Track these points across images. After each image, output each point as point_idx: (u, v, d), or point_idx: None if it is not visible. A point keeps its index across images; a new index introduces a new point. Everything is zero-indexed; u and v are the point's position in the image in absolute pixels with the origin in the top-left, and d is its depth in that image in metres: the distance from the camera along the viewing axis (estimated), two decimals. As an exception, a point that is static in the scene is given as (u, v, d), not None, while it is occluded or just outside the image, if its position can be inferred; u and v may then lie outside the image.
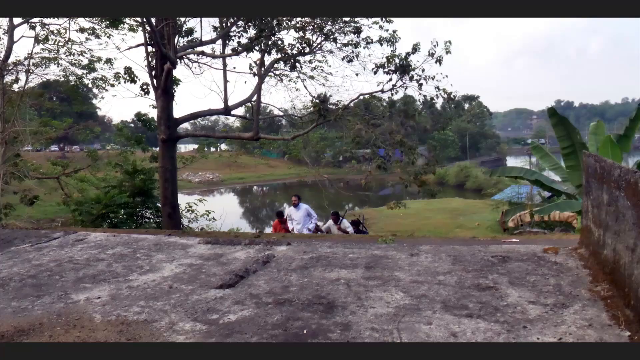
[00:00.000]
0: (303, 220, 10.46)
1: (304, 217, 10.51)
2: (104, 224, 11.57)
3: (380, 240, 5.35)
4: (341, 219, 10.52)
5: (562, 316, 2.80)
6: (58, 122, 16.79)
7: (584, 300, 3.03)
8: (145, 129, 13.95)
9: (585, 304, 2.98)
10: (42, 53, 12.89)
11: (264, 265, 4.14)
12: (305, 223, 10.49)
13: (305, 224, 10.46)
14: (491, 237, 7.36)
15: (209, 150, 34.41)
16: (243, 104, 11.39)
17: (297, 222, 10.47)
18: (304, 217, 10.52)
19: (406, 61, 10.08)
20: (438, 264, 4.01)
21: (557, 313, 2.85)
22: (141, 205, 12.65)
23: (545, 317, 2.80)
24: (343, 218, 10.59)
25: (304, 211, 10.58)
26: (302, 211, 10.55)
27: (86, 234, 5.80)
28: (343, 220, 10.53)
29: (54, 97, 20.18)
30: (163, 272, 4.06)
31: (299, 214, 10.52)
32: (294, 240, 5.39)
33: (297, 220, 10.48)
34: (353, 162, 24.33)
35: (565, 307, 2.94)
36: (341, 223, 10.45)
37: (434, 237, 7.77)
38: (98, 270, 4.18)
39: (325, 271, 3.92)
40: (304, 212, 10.57)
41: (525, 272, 3.68)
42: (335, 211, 11.03)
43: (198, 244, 5.14)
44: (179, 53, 10.09)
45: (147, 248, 4.98)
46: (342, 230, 10.28)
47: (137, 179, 12.49)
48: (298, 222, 10.47)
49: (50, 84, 17.01)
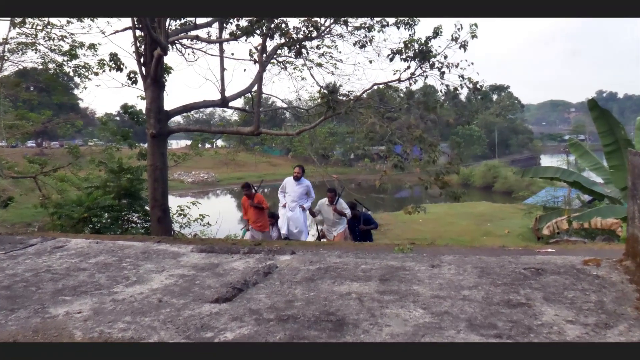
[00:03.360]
0: (300, 197, 10.17)
1: (302, 195, 10.22)
2: (86, 229, 11.66)
3: (397, 250, 5.33)
4: (338, 198, 10.04)
5: (605, 338, 2.76)
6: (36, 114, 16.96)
7: (630, 320, 3.00)
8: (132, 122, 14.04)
9: (631, 323, 2.94)
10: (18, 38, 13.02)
11: (265, 277, 4.14)
12: (302, 201, 10.22)
13: (301, 202, 10.21)
14: (523, 246, 7.32)
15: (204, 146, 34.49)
16: (242, 95, 11.41)
17: (293, 199, 10.12)
18: (302, 194, 10.22)
19: (426, 46, 10.03)
20: (462, 277, 3.98)
21: (599, 334, 2.82)
22: (127, 209, 12.73)
23: (585, 338, 2.77)
24: (340, 197, 10.12)
25: (305, 188, 10.26)
26: (303, 187, 10.24)
27: (66, 241, 5.83)
28: (340, 200, 10.07)
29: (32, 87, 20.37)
30: (152, 284, 4.07)
31: (299, 189, 10.20)
32: (298, 248, 5.38)
33: (293, 196, 10.14)
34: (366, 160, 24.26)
35: (608, 327, 2.91)
36: (337, 203, 9.98)
37: (457, 246, 7.73)
38: (79, 281, 4.20)
39: (334, 284, 3.90)
40: (304, 189, 10.26)
41: (563, 287, 3.64)
42: (333, 188, 10.46)
43: (191, 253, 5.15)
44: (171, 38, 10.14)
45: (133, 256, 5.00)
46: (337, 212, 9.87)
47: (123, 178, 12.58)
48: (294, 199, 10.13)
49: (27, 72, 17.18)
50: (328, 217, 10.17)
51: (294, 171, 10.40)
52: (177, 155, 16.71)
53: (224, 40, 10.64)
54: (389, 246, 5.99)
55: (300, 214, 10.23)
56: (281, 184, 10.57)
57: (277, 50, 11.08)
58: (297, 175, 10.26)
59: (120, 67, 10.84)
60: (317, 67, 12.05)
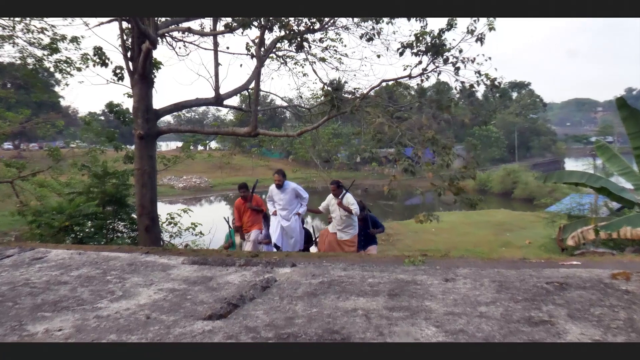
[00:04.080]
0: (290, 204, 10.06)
1: (292, 200, 10.09)
2: (67, 238, 11.68)
3: (408, 262, 5.33)
4: (345, 192, 9.87)
5: (636, 359, 2.76)
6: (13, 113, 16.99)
7: (663, 339, 2.99)
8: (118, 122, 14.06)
9: (664, 343, 2.93)
10: (-7, 30, 13.07)
11: (263, 292, 4.14)
12: (294, 207, 10.09)
13: (294, 209, 10.08)
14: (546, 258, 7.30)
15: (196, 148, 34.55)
16: (238, 93, 11.44)
17: (282, 207, 10.04)
18: (292, 199, 10.09)
19: (440, 39, 10.05)
20: (479, 292, 3.97)
21: (629, 355, 2.81)
22: (113, 217, 12.76)
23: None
24: (347, 191, 9.92)
25: (291, 192, 10.09)
26: (289, 192, 10.08)
27: (46, 251, 5.85)
28: (347, 195, 9.88)
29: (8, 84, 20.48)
30: (139, 299, 4.07)
31: (285, 196, 10.07)
32: (299, 260, 5.39)
33: (283, 205, 10.06)
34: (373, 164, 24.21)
35: (639, 347, 2.90)
36: (344, 198, 9.80)
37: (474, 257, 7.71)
38: (60, 295, 4.21)
39: (338, 299, 3.90)
40: (292, 193, 10.09)
41: (589, 303, 3.64)
42: (336, 180, 10.22)
43: (182, 265, 5.16)
44: (161, 30, 10.17)
45: (119, 269, 5.01)
46: (343, 207, 9.68)
47: (108, 184, 12.61)
48: (284, 207, 10.04)
49: (4, 67, 17.26)
50: (335, 215, 9.92)
51: (274, 179, 10.24)
52: (167, 158, 16.75)
53: (218, 33, 10.68)
54: (399, 258, 5.98)
55: (295, 224, 10.16)
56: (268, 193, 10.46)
57: (277, 43, 11.12)
58: (278, 184, 10.13)
59: (106, 62, 10.88)
60: (320, 62, 12.09)
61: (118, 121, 13.49)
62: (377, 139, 10.65)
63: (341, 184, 10.06)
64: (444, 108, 10.48)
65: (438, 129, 11.19)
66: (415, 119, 11.04)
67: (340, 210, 9.75)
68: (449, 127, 23.79)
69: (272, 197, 10.23)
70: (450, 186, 9.92)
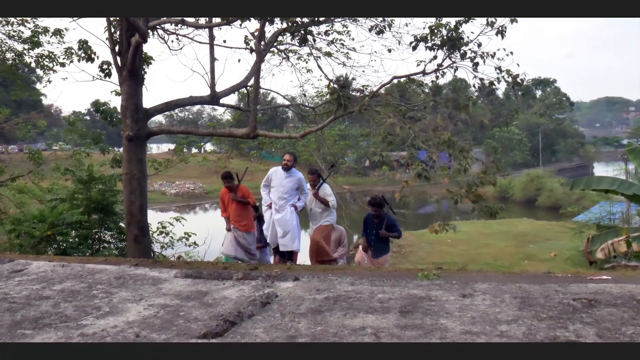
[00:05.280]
0: (290, 194, 9.56)
1: (293, 190, 9.61)
2: (49, 249, 11.73)
3: (421, 276, 5.32)
4: (322, 182, 9.64)
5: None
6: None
7: (703, 362, 2.98)
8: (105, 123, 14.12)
9: None
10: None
11: (263, 308, 4.15)
12: (292, 198, 9.59)
13: (292, 200, 9.56)
14: (572, 272, 7.28)
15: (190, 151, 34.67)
16: (236, 90, 11.46)
17: (281, 196, 9.51)
18: (293, 189, 9.61)
19: (456, 32, 10.05)
20: (500, 309, 3.97)
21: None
22: (99, 225, 12.81)
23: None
24: (324, 181, 9.71)
25: (296, 181, 9.67)
26: (294, 181, 9.65)
27: (26, 263, 5.87)
28: (324, 185, 9.64)
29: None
30: (127, 316, 4.08)
31: (288, 182, 9.60)
32: (303, 274, 5.39)
33: (281, 192, 9.54)
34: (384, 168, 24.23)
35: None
36: (321, 188, 9.54)
37: (493, 271, 7.71)
38: (41, 311, 4.22)
39: (345, 317, 3.90)
40: (296, 182, 9.67)
41: (620, 322, 3.62)
42: (315, 169, 9.98)
43: (174, 278, 5.17)
44: (151, 22, 10.21)
45: (106, 283, 5.02)
46: (319, 199, 9.46)
47: (93, 190, 12.65)
48: (282, 195, 9.53)
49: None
50: (310, 207, 9.71)
51: (284, 159, 9.82)
52: (158, 161, 16.75)
53: (214, 25, 10.71)
54: (412, 271, 5.98)
55: (291, 215, 9.64)
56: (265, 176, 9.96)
57: (278, 36, 11.13)
58: (286, 164, 9.69)
59: (91, 57, 10.91)
60: (326, 57, 12.10)
61: (105, 121, 13.54)
62: (388, 141, 10.61)
63: (319, 174, 9.79)
64: (461, 107, 10.46)
65: (455, 130, 11.20)
66: (429, 119, 11.03)
67: (315, 202, 9.53)
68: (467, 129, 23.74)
69: (270, 182, 9.74)
70: (468, 193, 9.88)
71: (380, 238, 9.56)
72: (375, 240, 9.58)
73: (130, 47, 9.53)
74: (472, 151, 10.35)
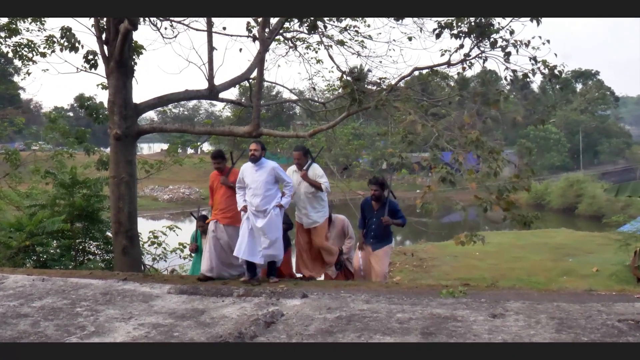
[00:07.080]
0: (265, 189, 8.36)
1: (268, 184, 8.43)
2: (28, 261, 11.77)
3: (445, 293, 5.31)
4: (311, 162, 9.01)
5: None
6: (-37, 109, 17.23)
7: None
8: (90, 119, 14.18)
9: None
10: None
11: (267, 329, 4.15)
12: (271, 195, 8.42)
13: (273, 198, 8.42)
14: (617, 290, 7.24)
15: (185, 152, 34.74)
16: (237, 83, 11.50)
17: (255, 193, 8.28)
18: (268, 183, 8.43)
19: (486, 18, 10.05)
20: (534, 331, 3.96)
21: None
22: (83, 235, 12.85)
23: None
24: (314, 160, 9.12)
25: (270, 173, 8.43)
26: (266, 172, 8.40)
27: (2, 277, 5.91)
28: (314, 165, 9.02)
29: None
30: (115, 336, 4.10)
31: (260, 176, 8.37)
32: (312, 290, 5.39)
33: (254, 188, 8.32)
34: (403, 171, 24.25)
35: None
36: (310, 169, 8.90)
37: (527, 289, 7.68)
38: (19, 331, 4.25)
39: (360, 339, 3.90)
40: (270, 174, 8.42)
41: (673, 346, 3.60)
42: (302, 145, 9.47)
43: (167, 294, 5.19)
44: (143, 7, 10.29)
45: (91, 299, 5.05)
46: (308, 181, 8.77)
47: (77, 195, 12.69)
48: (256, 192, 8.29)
49: (-48, 53, 17.49)
50: (298, 194, 8.93)
51: (250, 148, 8.68)
52: (150, 163, 16.77)
53: (213, 11, 10.76)
54: (434, 288, 5.96)
55: (276, 219, 8.50)
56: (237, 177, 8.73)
57: (285, 23, 11.16)
58: (253, 154, 8.50)
59: (75, 46, 10.99)
60: (338, 45, 12.11)
61: (90, 118, 13.60)
62: (408, 141, 10.58)
63: (308, 151, 9.34)
64: (491, 103, 10.43)
65: (483, 128, 11.14)
66: (455, 116, 11.00)
67: (303, 186, 8.94)
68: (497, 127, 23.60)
69: (243, 180, 8.59)
70: (498, 200, 9.84)
71: (381, 226, 9.14)
72: (376, 228, 9.19)
73: (118, 35, 9.58)
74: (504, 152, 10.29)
